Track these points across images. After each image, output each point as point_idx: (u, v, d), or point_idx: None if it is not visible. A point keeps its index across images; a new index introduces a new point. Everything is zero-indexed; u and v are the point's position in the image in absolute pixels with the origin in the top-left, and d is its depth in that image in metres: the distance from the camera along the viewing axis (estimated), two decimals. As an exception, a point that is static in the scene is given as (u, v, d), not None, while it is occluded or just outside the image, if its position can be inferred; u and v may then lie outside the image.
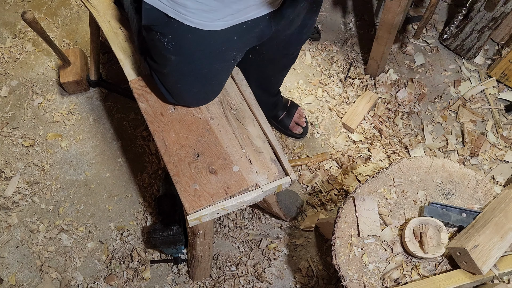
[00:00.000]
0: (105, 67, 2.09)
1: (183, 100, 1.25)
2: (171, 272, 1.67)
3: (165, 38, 1.06)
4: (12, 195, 1.79)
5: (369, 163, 1.83)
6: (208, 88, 1.23)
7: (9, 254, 1.70)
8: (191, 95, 1.23)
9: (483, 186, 1.23)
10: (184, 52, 1.09)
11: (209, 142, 1.24)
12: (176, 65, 1.13)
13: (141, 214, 1.77)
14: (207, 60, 1.12)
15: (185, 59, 1.11)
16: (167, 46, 1.07)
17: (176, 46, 1.07)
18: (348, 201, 1.22)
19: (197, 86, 1.20)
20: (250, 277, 1.65)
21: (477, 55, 2.11)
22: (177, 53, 1.09)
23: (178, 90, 1.21)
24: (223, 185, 1.18)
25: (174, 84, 1.19)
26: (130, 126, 1.95)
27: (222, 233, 1.73)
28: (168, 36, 1.05)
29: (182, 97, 1.24)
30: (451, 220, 1.16)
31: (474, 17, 1.94)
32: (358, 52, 2.14)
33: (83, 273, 1.67)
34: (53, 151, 1.90)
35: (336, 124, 1.96)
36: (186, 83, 1.18)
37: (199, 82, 1.19)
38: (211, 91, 1.26)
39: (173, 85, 1.20)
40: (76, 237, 1.73)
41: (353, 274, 1.13)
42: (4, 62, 2.10)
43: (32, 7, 2.27)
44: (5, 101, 2.01)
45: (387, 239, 1.17)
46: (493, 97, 2.02)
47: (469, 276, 1.08)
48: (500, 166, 1.85)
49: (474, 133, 1.91)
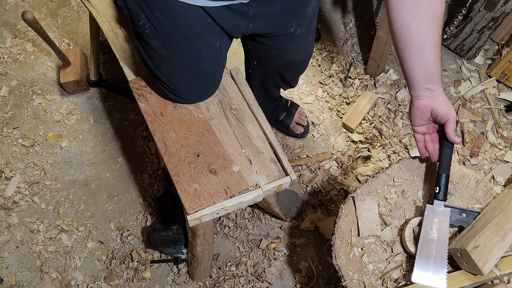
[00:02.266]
0: (105, 67, 2.09)
1: (181, 93, 1.24)
2: (171, 272, 1.67)
3: (141, 21, 1.08)
4: (12, 195, 1.79)
5: (369, 163, 1.83)
6: (201, 78, 1.23)
7: (9, 254, 1.70)
8: (187, 87, 1.23)
9: (483, 186, 1.23)
10: (160, 33, 1.10)
11: (209, 142, 1.24)
12: (160, 51, 1.14)
13: (141, 214, 1.77)
14: (187, 44, 1.13)
15: (165, 43, 1.12)
16: (145, 30, 1.09)
17: (151, 28, 1.09)
18: (348, 201, 1.22)
19: (189, 76, 1.20)
20: (250, 277, 1.65)
21: (477, 55, 2.11)
22: (155, 36, 1.11)
23: (173, 83, 1.21)
24: (223, 185, 1.18)
25: (167, 75, 1.19)
26: (130, 126, 1.95)
27: (222, 233, 1.73)
28: (142, 16, 1.08)
29: (179, 91, 1.23)
30: (451, 220, 1.16)
31: (474, 17, 1.94)
32: (358, 52, 2.14)
33: (83, 273, 1.67)
34: (53, 151, 1.89)
35: (336, 124, 1.96)
36: (178, 73, 1.19)
37: (190, 70, 1.19)
38: (206, 82, 1.26)
39: (167, 78, 1.20)
40: (76, 237, 1.73)
41: (353, 274, 1.13)
42: (4, 62, 2.10)
43: (32, 7, 2.27)
44: (5, 101, 2.01)
45: (387, 239, 1.17)
46: (493, 97, 2.02)
47: (470, 277, 1.07)
48: (500, 166, 1.85)
49: (474, 133, 1.91)
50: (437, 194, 1.12)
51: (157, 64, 1.19)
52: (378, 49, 1.91)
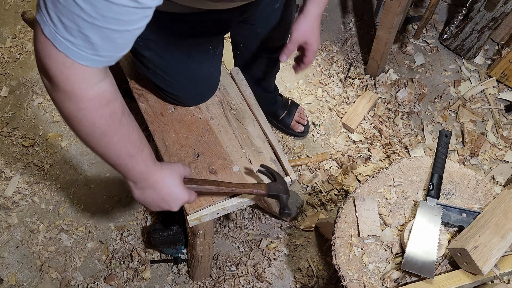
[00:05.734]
0: (105, 67, 2.09)
1: (179, 98, 1.25)
2: (171, 272, 1.67)
3: None
4: (12, 195, 1.79)
5: (369, 163, 1.83)
6: (197, 83, 1.24)
7: (9, 254, 1.70)
8: (184, 93, 1.23)
9: (483, 186, 1.23)
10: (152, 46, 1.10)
11: (209, 142, 1.24)
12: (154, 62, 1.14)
13: (141, 214, 1.77)
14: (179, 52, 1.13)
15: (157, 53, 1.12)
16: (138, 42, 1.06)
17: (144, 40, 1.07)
18: (348, 201, 1.22)
19: (185, 83, 1.21)
20: (250, 277, 1.65)
21: (477, 55, 2.11)
22: (147, 47, 1.10)
23: (170, 89, 1.22)
24: (223, 185, 1.18)
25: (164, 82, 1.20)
26: (130, 126, 1.95)
27: (222, 233, 1.73)
28: None
29: (177, 96, 1.24)
30: (451, 220, 1.16)
31: (474, 17, 1.94)
32: (358, 52, 2.14)
33: (83, 273, 1.67)
34: (53, 151, 1.89)
35: (336, 124, 1.96)
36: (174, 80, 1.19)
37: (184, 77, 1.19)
38: (203, 87, 1.26)
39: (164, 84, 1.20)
40: (76, 237, 1.73)
41: (353, 274, 1.13)
42: (4, 62, 2.10)
43: (32, 7, 2.27)
44: (5, 101, 2.01)
45: (387, 239, 1.17)
46: (493, 97, 2.02)
47: (470, 276, 1.08)
48: (500, 166, 1.85)
49: (474, 133, 1.91)
50: (430, 191, 1.19)
51: (153, 72, 1.19)
52: (378, 49, 1.91)
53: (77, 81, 0.70)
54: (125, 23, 0.65)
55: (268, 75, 1.63)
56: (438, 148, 1.24)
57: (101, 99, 0.74)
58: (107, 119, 0.76)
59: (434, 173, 1.21)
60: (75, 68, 0.68)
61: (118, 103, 0.79)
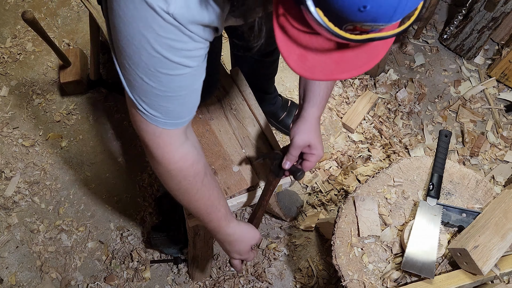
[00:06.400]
0: (105, 67, 2.09)
1: None
2: (171, 272, 1.67)
3: None
4: (12, 195, 1.79)
5: (369, 163, 1.83)
6: None
7: (9, 254, 1.70)
8: None
9: (483, 186, 1.23)
10: None
11: (209, 142, 1.24)
12: None
13: (141, 214, 1.77)
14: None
15: None
16: None
17: None
18: (348, 201, 1.22)
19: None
20: (250, 277, 1.65)
21: (477, 55, 2.11)
22: None
23: None
24: (223, 185, 1.18)
25: None
26: (130, 126, 1.95)
27: (222, 233, 1.73)
28: None
29: None
30: (451, 220, 1.16)
31: (474, 17, 1.94)
32: (358, 52, 2.13)
33: (83, 273, 1.67)
34: (53, 151, 1.90)
35: (336, 124, 1.96)
36: None
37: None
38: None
39: None
40: (76, 237, 1.73)
41: (353, 274, 1.13)
42: (4, 62, 2.10)
43: (32, 7, 2.27)
44: (5, 101, 2.01)
45: (387, 239, 1.17)
46: (493, 97, 2.02)
47: (470, 276, 1.08)
48: (500, 166, 1.85)
49: (474, 133, 1.91)
50: (430, 191, 1.20)
51: None
52: (378, 49, 1.90)
53: (166, 145, 0.81)
54: (191, 84, 0.76)
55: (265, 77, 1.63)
56: (438, 148, 1.24)
57: (185, 160, 0.84)
58: (191, 179, 0.86)
59: (434, 173, 1.21)
60: (164, 135, 0.79)
61: (201, 164, 0.87)
